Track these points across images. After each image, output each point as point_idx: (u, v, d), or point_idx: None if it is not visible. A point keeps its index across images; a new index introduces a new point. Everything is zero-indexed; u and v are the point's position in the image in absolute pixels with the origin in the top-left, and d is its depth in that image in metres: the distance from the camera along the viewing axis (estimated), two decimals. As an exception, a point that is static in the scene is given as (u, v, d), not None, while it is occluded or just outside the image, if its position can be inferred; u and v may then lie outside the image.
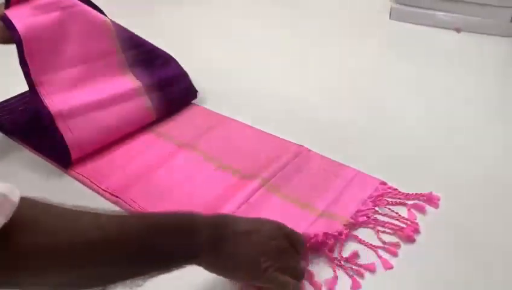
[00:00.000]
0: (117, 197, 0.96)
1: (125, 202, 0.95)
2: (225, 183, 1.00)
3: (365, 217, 0.90)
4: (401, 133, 1.18)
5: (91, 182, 1.01)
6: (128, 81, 1.19)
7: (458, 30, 1.75)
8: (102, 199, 0.98)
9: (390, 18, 1.87)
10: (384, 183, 0.99)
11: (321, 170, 1.03)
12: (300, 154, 1.07)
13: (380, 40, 1.78)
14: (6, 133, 1.19)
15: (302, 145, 1.10)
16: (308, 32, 1.83)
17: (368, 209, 0.92)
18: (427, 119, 1.24)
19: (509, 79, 1.48)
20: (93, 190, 1.01)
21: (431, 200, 0.94)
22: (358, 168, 1.03)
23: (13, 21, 1.02)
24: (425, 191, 0.96)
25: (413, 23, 1.82)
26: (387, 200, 0.94)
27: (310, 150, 1.09)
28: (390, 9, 1.86)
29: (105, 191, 0.98)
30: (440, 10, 1.77)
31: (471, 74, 1.47)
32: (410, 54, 1.64)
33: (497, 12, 1.67)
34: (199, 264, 0.66)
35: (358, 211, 0.91)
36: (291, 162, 1.04)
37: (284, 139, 1.13)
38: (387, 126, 1.21)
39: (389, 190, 0.97)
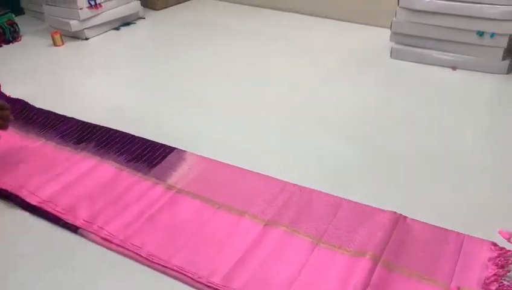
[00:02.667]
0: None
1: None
2: (336, 263, 1.02)
3: (497, 284, 0.95)
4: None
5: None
6: None
7: (454, 68, 1.91)
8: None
9: (391, 57, 2.01)
10: (495, 244, 1.04)
11: (428, 239, 1.06)
12: (398, 222, 1.10)
13: (381, 77, 1.90)
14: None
15: (395, 212, 1.13)
16: (315, 72, 1.94)
17: (493, 275, 0.97)
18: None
19: (501, 114, 1.62)
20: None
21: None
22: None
23: None
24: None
25: (412, 62, 1.97)
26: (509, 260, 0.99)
27: (406, 217, 1.12)
28: (391, 49, 2.01)
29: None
30: (437, 50, 1.93)
31: (465, 109, 1.63)
32: (409, 90, 1.78)
33: (490, 52, 1.84)
34: None
35: (486, 279, 0.96)
36: (393, 233, 1.07)
37: (368, 206, 1.16)
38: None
39: (504, 251, 1.02)
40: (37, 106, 1.69)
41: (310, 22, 2.49)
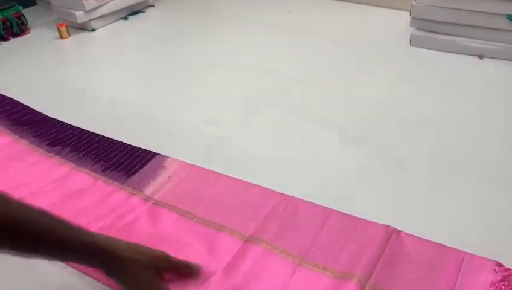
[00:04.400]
0: None
1: None
2: (319, 287, 0.92)
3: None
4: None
5: None
6: None
7: (481, 57, 1.73)
8: None
9: (410, 44, 1.86)
10: (500, 264, 0.92)
11: (423, 257, 0.95)
12: (391, 238, 0.99)
13: (398, 68, 1.76)
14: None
15: (389, 225, 1.02)
16: (329, 61, 1.82)
17: None
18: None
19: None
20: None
21: None
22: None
23: None
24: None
25: (434, 50, 1.81)
26: None
27: (400, 231, 1.01)
28: (411, 36, 1.85)
29: None
30: (462, 36, 1.76)
31: (493, 105, 1.47)
32: (429, 82, 1.63)
33: (521, 38, 1.65)
34: None
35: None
36: (384, 251, 0.96)
37: (360, 218, 1.05)
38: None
39: (510, 272, 0.90)
40: (31, 105, 1.64)
41: (322, 4, 2.34)
